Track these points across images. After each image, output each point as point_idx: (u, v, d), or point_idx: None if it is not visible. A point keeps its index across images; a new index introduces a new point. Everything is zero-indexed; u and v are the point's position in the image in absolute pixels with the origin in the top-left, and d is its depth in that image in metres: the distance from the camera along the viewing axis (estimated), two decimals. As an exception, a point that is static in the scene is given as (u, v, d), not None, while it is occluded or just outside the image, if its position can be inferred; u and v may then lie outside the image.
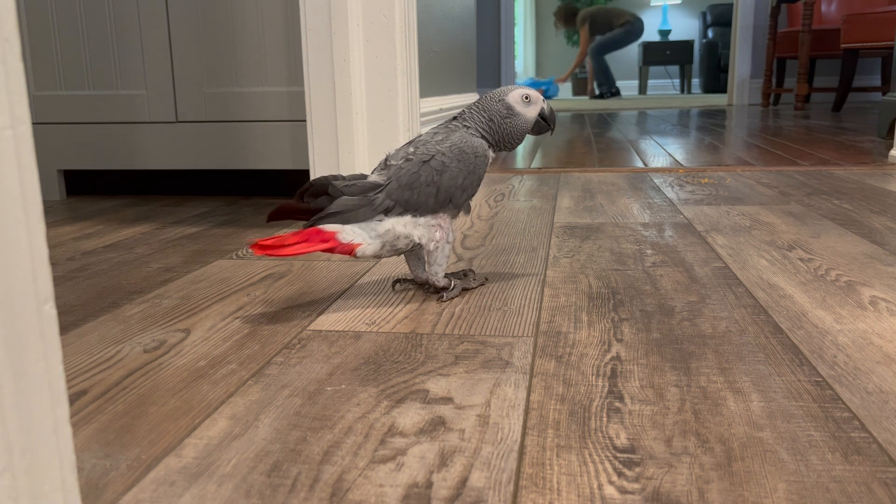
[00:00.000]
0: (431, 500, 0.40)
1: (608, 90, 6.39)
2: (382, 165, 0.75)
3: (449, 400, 0.52)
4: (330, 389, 0.54)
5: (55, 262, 0.96)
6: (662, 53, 7.11)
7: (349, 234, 0.71)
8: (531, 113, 0.78)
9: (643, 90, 7.27)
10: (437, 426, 0.48)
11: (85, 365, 0.61)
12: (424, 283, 0.79)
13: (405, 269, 0.89)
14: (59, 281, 0.87)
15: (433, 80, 1.91)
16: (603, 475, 0.42)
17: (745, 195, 1.37)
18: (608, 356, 0.60)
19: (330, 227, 0.70)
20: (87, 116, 1.47)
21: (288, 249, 0.68)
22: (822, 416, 0.48)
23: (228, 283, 0.85)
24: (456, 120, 0.78)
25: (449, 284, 0.77)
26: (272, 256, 0.69)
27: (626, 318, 0.69)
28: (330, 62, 1.26)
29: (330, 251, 0.70)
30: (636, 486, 0.41)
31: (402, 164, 0.73)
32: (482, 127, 0.77)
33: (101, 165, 1.49)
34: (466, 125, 0.77)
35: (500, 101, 0.77)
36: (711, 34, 6.81)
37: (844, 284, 0.78)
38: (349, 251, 0.71)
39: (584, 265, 0.89)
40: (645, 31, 6.50)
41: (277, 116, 1.38)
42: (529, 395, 0.53)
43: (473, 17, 2.64)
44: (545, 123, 0.80)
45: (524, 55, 8.00)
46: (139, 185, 1.62)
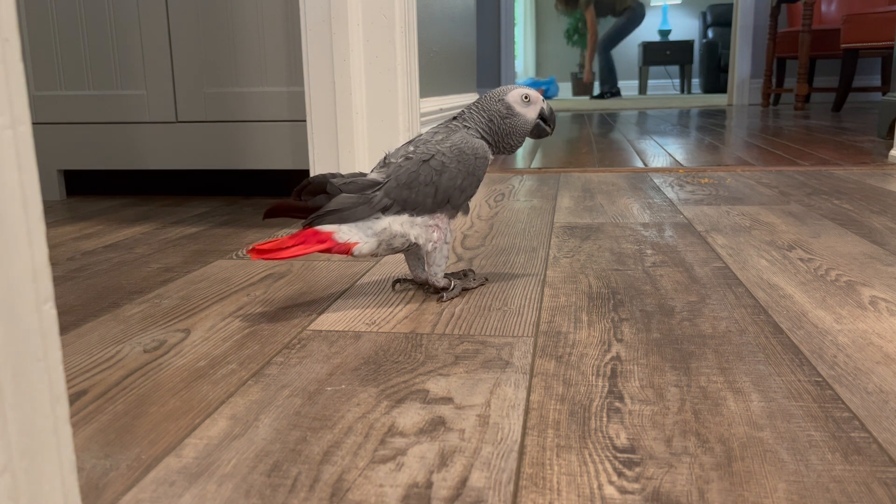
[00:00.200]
0: (431, 500, 0.40)
1: (609, 90, 6.38)
2: (382, 163, 0.74)
3: (449, 400, 0.52)
4: (330, 389, 0.54)
5: (55, 262, 0.96)
6: (662, 53, 7.11)
7: (345, 233, 0.70)
8: (531, 113, 0.77)
9: (643, 90, 7.27)
10: (437, 426, 0.48)
11: (85, 365, 0.61)
12: (424, 283, 0.78)
13: (405, 269, 0.89)
14: (59, 281, 0.87)
15: (433, 79, 1.91)
16: (603, 475, 0.42)
17: (745, 195, 1.37)
18: (608, 356, 0.60)
19: (327, 227, 0.70)
20: (87, 116, 1.47)
21: (285, 252, 0.68)
22: (822, 416, 0.48)
23: (228, 283, 0.85)
24: (456, 120, 0.78)
25: (449, 284, 0.76)
26: (269, 260, 0.68)
27: (626, 318, 0.69)
28: (330, 62, 1.26)
29: (327, 251, 0.70)
30: (636, 486, 0.41)
31: (401, 162, 0.72)
32: (482, 127, 0.76)
33: (100, 165, 1.49)
34: (466, 125, 0.76)
35: (499, 100, 0.76)
36: (711, 34, 6.81)
37: (844, 284, 0.78)
38: (346, 250, 0.71)
39: (584, 265, 0.89)
40: (645, 31, 6.48)
41: (277, 116, 1.38)
42: (529, 395, 0.53)
43: (473, 16, 2.64)
44: (544, 127, 0.79)
45: (524, 55, 8.00)
46: (139, 185, 1.62)
